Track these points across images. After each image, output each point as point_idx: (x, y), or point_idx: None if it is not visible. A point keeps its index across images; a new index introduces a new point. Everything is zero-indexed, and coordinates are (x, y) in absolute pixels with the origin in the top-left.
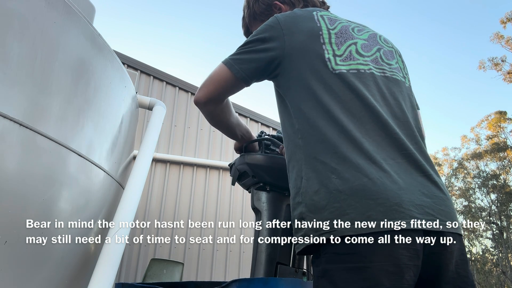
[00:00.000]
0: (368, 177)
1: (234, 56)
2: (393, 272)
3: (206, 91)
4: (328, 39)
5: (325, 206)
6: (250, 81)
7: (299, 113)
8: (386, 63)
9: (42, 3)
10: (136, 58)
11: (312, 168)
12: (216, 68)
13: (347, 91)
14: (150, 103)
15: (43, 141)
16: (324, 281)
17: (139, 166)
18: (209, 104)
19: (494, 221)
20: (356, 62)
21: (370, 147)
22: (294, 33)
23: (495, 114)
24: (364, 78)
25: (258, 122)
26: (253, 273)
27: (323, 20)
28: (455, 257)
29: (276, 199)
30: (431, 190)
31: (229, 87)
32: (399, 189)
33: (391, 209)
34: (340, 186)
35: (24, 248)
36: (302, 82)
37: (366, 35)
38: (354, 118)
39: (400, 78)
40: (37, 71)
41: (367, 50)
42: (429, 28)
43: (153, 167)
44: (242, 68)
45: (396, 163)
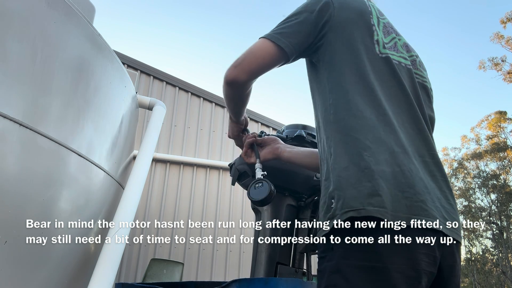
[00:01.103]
0: (400, 167)
1: (280, 30)
2: (412, 277)
3: (248, 68)
4: (377, 24)
5: (354, 184)
6: (295, 56)
7: (337, 88)
8: (421, 70)
9: (42, 3)
10: (136, 58)
11: (343, 144)
12: (257, 44)
13: (391, 77)
14: (150, 103)
15: (43, 141)
16: (338, 277)
17: (139, 166)
18: (249, 82)
19: (494, 221)
20: (399, 55)
21: (404, 138)
22: (345, 9)
23: (495, 114)
24: (403, 72)
25: (258, 122)
26: (253, 273)
27: (374, 8)
28: (459, 271)
29: (276, 199)
30: (448, 197)
31: (273, 63)
32: (424, 187)
33: (416, 205)
34: (373, 165)
35: (24, 248)
36: (347, 56)
37: (403, 40)
38: (393, 105)
39: (430, 87)
40: (37, 71)
41: (407, 50)
42: (429, 28)
43: (153, 167)
44: (291, 42)
45: (424, 161)
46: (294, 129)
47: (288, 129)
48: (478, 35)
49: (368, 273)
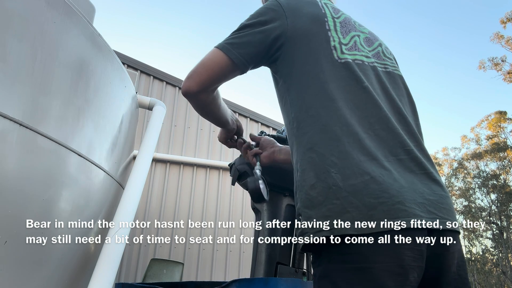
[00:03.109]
0: (370, 175)
1: (231, 40)
2: (398, 273)
3: (199, 79)
4: (333, 26)
5: (322, 202)
6: (247, 67)
7: (297, 101)
8: (387, 57)
9: (42, 3)
10: (136, 58)
11: (308, 159)
12: (208, 54)
13: (352, 82)
14: (150, 103)
15: (43, 141)
16: (326, 282)
17: (139, 166)
18: (201, 93)
19: (494, 221)
20: (360, 54)
21: (372, 143)
22: (298, 16)
23: (495, 114)
24: (368, 70)
25: (258, 122)
26: (253, 273)
27: (327, 7)
28: (456, 258)
29: (276, 199)
30: (433, 188)
31: (224, 74)
32: (401, 187)
33: (394, 207)
34: (341, 182)
35: (24, 248)
36: (305, 68)
37: (367, 30)
38: (358, 111)
39: (399, 74)
40: (37, 71)
41: (369, 44)
42: (428, 28)
43: (153, 167)
44: (241, 53)
45: (397, 160)
46: None
47: None
48: (478, 35)
49: (355, 275)
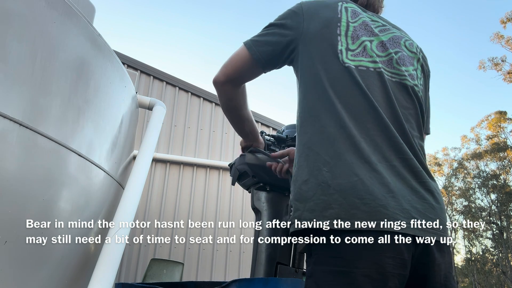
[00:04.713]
0: (358, 176)
1: (255, 38)
2: (377, 279)
3: (225, 70)
4: (345, 31)
5: (311, 197)
6: (266, 65)
7: (303, 101)
8: (399, 67)
9: (42, 3)
10: (136, 58)
11: (305, 157)
12: (237, 49)
13: (354, 87)
14: (150, 103)
15: (43, 141)
16: (311, 282)
17: (139, 166)
18: (226, 84)
19: (494, 221)
20: (367, 60)
21: (367, 147)
22: (313, 20)
23: (495, 114)
24: (372, 77)
25: (258, 122)
26: (253, 273)
27: (346, 12)
28: (443, 270)
29: (276, 199)
30: (423, 197)
31: (247, 68)
32: (388, 191)
33: (376, 210)
34: (330, 180)
35: (24, 248)
36: (312, 70)
37: (388, 36)
38: (356, 115)
39: (411, 85)
40: (37, 71)
41: (382, 50)
42: (428, 28)
43: (153, 167)
44: (260, 50)
45: (391, 165)
46: (294, 129)
47: (288, 129)
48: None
49: (336, 277)
